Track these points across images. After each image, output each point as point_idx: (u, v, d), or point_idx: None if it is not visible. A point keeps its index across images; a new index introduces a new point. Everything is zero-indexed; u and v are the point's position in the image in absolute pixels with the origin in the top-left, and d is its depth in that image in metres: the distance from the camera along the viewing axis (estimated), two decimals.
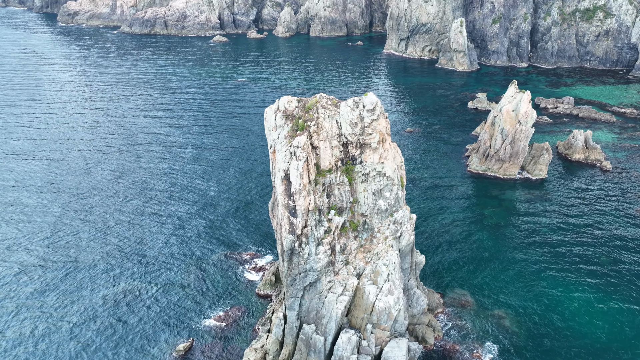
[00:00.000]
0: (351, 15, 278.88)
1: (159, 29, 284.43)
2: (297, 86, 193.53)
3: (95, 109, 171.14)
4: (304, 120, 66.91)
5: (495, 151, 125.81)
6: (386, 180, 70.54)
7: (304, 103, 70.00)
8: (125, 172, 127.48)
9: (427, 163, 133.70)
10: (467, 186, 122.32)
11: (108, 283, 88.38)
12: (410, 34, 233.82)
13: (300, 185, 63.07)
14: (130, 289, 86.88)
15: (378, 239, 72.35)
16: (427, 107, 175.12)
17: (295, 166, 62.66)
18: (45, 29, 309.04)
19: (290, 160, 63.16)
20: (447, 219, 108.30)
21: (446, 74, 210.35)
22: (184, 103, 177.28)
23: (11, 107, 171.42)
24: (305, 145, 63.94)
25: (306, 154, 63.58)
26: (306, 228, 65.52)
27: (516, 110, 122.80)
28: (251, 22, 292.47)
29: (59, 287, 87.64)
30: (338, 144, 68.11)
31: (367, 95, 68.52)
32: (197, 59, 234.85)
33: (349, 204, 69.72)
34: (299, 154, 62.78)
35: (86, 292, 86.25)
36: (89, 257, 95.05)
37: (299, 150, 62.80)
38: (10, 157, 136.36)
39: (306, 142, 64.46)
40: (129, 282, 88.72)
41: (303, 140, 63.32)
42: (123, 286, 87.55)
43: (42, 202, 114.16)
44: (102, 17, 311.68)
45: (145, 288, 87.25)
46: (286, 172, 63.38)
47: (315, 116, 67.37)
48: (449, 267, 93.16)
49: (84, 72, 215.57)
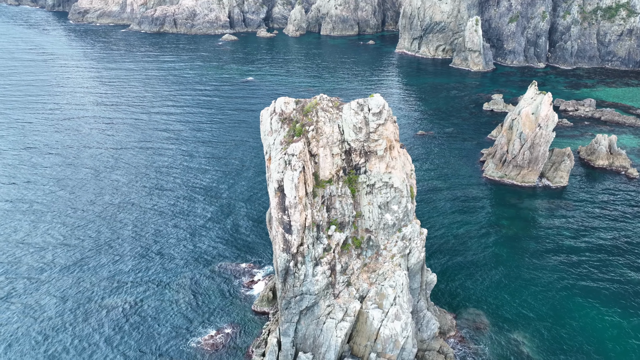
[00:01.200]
0: (363, 13, 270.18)
1: (168, 28, 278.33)
2: (306, 86, 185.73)
3: (102, 107, 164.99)
4: (302, 125, 59.00)
5: (513, 156, 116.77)
6: (394, 191, 62.36)
7: (302, 105, 62.05)
8: (126, 172, 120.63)
9: (439, 168, 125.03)
10: (483, 194, 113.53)
11: (93, 295, 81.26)
12: (423, 32, 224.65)
13: (296, 199, 55.16)
14: (115, 303, 79.65)
15: (384, 258, 64.22)
16: (440, 108, 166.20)
17: (290, 177, 54.76)
18: (55, 27, 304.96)
19: (284, 170, 55.29)
20: (461, 229, 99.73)
21: (460, 75, 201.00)
22: (189, 102, 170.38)
23: (19, 104, 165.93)
24: (302, 152, 56.00)
25: (303, 162, 55.67)
26: (302, 246, 57.62)
27: (536, 113, 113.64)
28: (261, 21, 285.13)
29: (23, 298, 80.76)
30: (340, 152, 60.11)
31: (373, 97, 60.37)
32: (205, 57, 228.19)
33: (351, 219, 61.69)
34: (295, 163, 54.87)
35: (55, 307, 79.25)
36: (68, 262, 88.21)
37: (294, 159, 54.88)
38: (19, 152, 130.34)
39: (303, 149, 56.51)
40: (115, 294, 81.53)
41: (299, 147, 55.36)
42: (109, 300, 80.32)
43: (39, 200, 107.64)
44: (112, 15, 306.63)
45: (131, 302, 79.97)
46: (280, 183, 55.56)
47: (315, 120, 59.41)
48: (463, 283, 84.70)
49: (91, 70, 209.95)
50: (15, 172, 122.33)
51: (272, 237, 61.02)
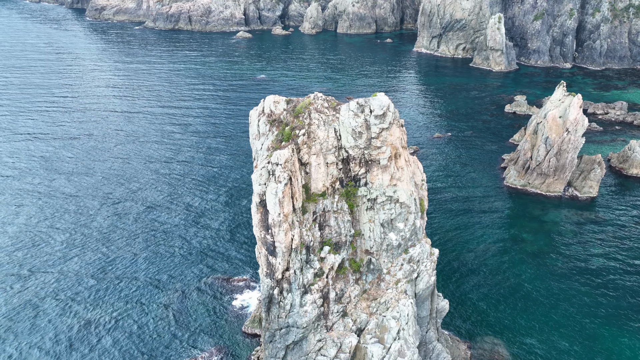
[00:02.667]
0: (381, 11, 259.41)
1: (182, 25, 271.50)
2: (320, 85, 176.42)
3: (113, 102, 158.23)
4: (292, 128, 49.74)
5: (538, 163, 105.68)
6: (399, 207, 52.66)
7: (294, 105, 52.74)
8: (127, 172, 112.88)
9: (456, 174, 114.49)
10: (503, 204, 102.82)
11: (67, 307, 73.02)
12: (442, 31, 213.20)
13: (280, 216, 45.91)
14: (90, 318, 71.27)
15: (387, 283, 54.59)
16: (458, 110, 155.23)
17: (274, 190, 45.55)
18: (73, 23, 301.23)
19: (267, 182, 46.10)
20: (478, 243, 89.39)
21: (481, 75, 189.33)
22: (199, 100, 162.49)
23: (32, 99, 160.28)
24: (288, 161, 46.71)
25: (289, 173, 46.40)
26: (288, 271, 48.40)
27: (564, 117, 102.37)
28: (277, 18, 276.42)
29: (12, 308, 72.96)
30: (336, 160, 50.70)
31: (376, 96, 50.72)
32: (219, 55, 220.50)
33: (349, 238, 52.27)
34: (279, 173, 45.62)
35: (25, 319, 71.24)
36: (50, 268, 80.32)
37: (278, 169, 45.63)
38: (28, 147, 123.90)
39: (290, 157, 47.21)
40: (91, 308, 73.21)
41: (285, 155, 46.04)
42: (84, 314, 71.91)
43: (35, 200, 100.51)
44: (128, 12, 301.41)
45: (107, 318, 71.47)
46: (262, 197, 46.43)
47: (307, 122, 50.05)
48: (479, 306, 74.52)
49: (104, 66, 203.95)
50: (16, 162, 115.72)
51: (257, 257, 51.92)
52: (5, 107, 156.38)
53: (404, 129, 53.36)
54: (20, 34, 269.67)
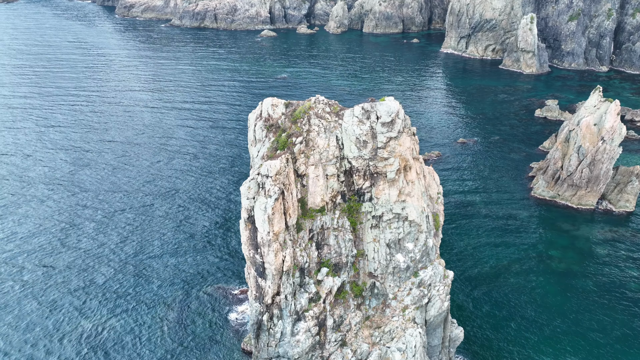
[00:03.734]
0: (408, 10, 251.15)
1: (208, 23, 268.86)
2: (342, 85, 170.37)
3: (135, 98, 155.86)
4: (288, 135, 44.12)
5: (569, 174, 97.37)
6: (408, 226, 46.45)
7: (294, 109, 47.06)
8: (140, 170, 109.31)
9: (479, 183, 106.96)
10: (529, 216, 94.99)
11: (56, 315, 68.90)
12: (471, 31, 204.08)
13: (270, 235, 40.34)
14: (79, 328, 66.88)
15: (393, 310, 48.44)
16: (486, 114, 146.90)
17: (262, 205, 39.99)
18: (102, 20, 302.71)
19: (255, 196, 40.61)
20: (500, 259, 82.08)
21: (511, 77, 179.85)
22: (219, 98, 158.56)
23: (58, 93, 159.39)
24: (281, 173, 41.07)
25: (281, 187, 40.78)
26: (279, 296, 42.81)
27: (599, 124, 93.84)
28: (302, 17, 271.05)
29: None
30: (337, 172, 44.85)
31: (384, 101, 44.60)
32: (243, 53, 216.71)
33: (350, 259, 46.38)
34: (270, 187, 40.03)
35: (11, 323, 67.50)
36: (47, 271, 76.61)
37: (269, 182, 40.04)
38: (43, 143, 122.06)
39: (284, 168, 41.56)
40: (81, 316, 68.92)
41: (276, 166, 40.43)
42: (73, 324, 67.69)
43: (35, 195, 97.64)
44: (156, 9, 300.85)
45: (98, 327, 67.04)
46: (250, 212, 40.99)
47: (305, 129, 44.32)
48: (499, 329, 67.47)
49: (129, 62, 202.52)
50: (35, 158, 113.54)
51: (246, 278, 46.50)
52: (38, 100, 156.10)
53: (415, 138, 47.11)
54: (53, 31, 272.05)
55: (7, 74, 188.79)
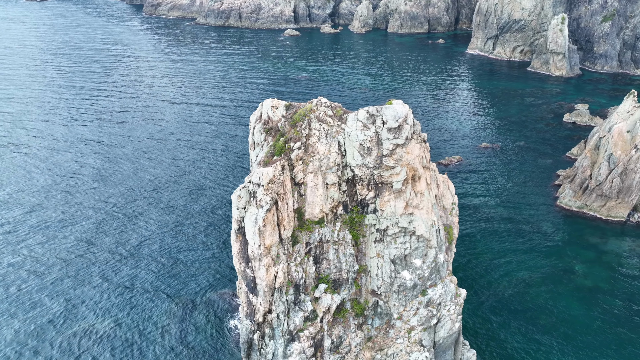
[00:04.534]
0: (435, 10, 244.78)
1: (232, 21, 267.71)
2: (363, 86, 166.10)
3: (161, 95, 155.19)
4: (287, 140, 40.57)
5: (598, 183, 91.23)
6: (416, 241, 42.35)
7: (294, 111, 43.47)
8: (165, 166, 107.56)
9: (502, 190, 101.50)
10: (554, 227, 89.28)
11: (50, 315, 66.93)
12: (499, 31, 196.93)
13: (261, 248, 36.86)
14: (70, 332, 64.62)
15: (397, 331, 44.40)
16: (511, 117, 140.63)
17: (253, 217, 36.54)
18: (129, 18, 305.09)
19: (246, 206, 37.20)
20: (521, 272, 76.89)
21: (539, 80, 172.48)
22: (238, 96, 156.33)
23: (83, 90, 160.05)
24: (274, 182, 37.54)
25: (274, 196, 37.24)
26: (271, 314, 39.31)
27: (633, 132, 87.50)
28: (327, 16, 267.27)
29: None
30: (338, 180, 41.10)
31: (391, 104, 40.61)
32: (265, 52, 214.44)
33: (352, 275, 42.58)
34: (261, 196, 36.56)
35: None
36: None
37: (260, 191, 36.58)
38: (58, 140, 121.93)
39: (278, 176, 38.02)
40: (71, 319, 66.68)
41: (269, 174, 36.91)
42: (65, 325, 65.43)
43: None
44: (182, 8, 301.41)
45: (87, 340, 64.64)
46: (240, 223, 37.62)
47: (305, 133, 40.68)
48: (518, 350, 62.57)
49: (154, 59, 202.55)
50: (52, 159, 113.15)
51: (237, 292, 43.10)
52: (67, 95, 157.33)
53: (426, 145, 42.95)
54: (82, 28, 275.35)
55: (38, 69, 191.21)
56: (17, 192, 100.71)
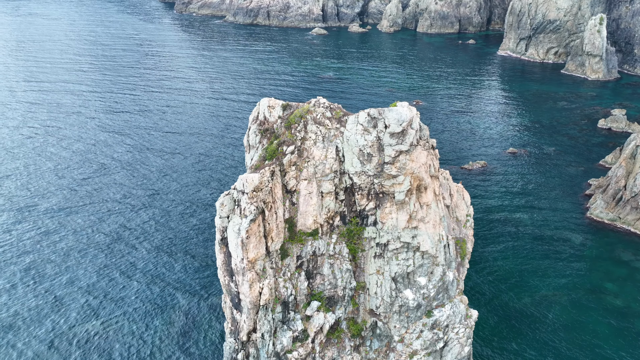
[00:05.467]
0: (466, 10, 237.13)
1: (261, 20, 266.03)
2: (387, 86, 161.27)
3: (186, 90, 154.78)
4: (280, 143, 37.01)
5: (633, 195, 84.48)
6: (420, 257, 38.17)
7: (292, 112, 39.84)
8: (191, 160, 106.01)
9: (529, 199, 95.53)
10: (583, 240, 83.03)
11: (55, 316, 65.10)
12: (533, 32, 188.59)
13: (244, 262, 33.41)
14: (63, 338, 62.62)
15: (399, 354, 40.26)
16: (541, 122, 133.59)
17: (236, 227, 33.09)
18: (161, 16, 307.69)
19: (230, 215, 33.80)
20: (545, 289, 71.34)
21: (574, 83, 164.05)
22: (260, 93, 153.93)
23: (111, 85, 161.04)
24: (261, 189, 34.00)
25: (261, 205, 33.71)
26: (255, 333, 35.83)
27: None
28: (355, 15, 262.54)
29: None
30: (335, 189, 37.31)
31: (395, 107, 36.53)
32: (291, 50, 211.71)
33: (349, 292, 38.71)
34: (245, 205, 33.10)
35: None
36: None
37: (244, 199, 33.11)
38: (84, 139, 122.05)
39: (266, 183, 34.44)
40: (59, 332, 64.72)
41: (254, 181, 33.38)
42: (76, 326, 63.51)
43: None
44: (212, 6, 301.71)
45: (77, 341, 62.55)
46: (223, 234, 34.28)
47: (300, 137, 37.02)
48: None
49: (182, 56, 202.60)
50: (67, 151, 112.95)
51: (222, 306, 39.76)
52: (99, 89, 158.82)
53: (435, 152, 38.67)
54: (116, 25, 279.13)
55: (73, 63, 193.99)
56: (43, 183, 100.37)
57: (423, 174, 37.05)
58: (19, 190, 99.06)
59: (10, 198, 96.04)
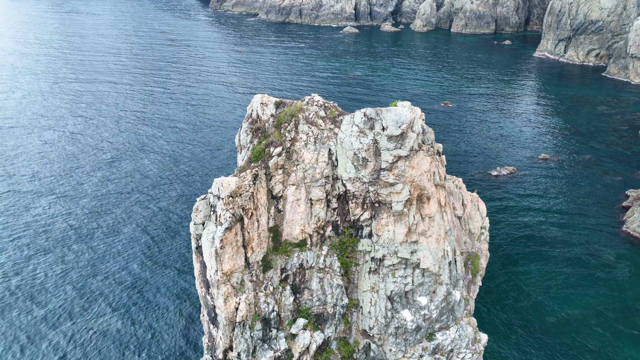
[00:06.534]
0: (503, 10, 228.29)
1: (293, 18, 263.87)
2: (415, 86, 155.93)
3: (214, 87, 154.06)
4: (267, 144, 33.59)
5: None
6: (420, 275, 34.07)
7: (286, 110, 36.29)
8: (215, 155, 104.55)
9: (559, 209, 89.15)
10: (617, 256, 76.36)
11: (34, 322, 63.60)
12: (573, 33, 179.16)
13: (218, 274, 30.17)
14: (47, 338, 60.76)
15: None
16: (578, 127, 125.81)
17: (210, 235, 29.87)
18: (195, 13, 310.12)
19: (205, 221, 30.59)
20: (573, 308, 65.50)
21: (615, 87, 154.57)
22: (283, 91, 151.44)
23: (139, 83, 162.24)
24: (241, 193, 30.62)
25: (239, 212, 30.34)
26: (231, 352, 32.53)
27: None
28: (389, 14, 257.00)
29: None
30: (326, 196, 33.63)
31: (395, 107, 32.51)
32: (321, 49, 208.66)
33: (340, 310, 34.96)
34: (221, 212, 29.82)
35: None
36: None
37: (220, 205, 29.83)
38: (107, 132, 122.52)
39: (246, 187, 31.04)
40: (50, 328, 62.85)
41: (230, 185, 30.01)
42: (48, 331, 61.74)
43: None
44: (245, 4, 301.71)
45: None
46: (198, 242, 31.13)
47: (289, 137, 33.50)
48: None
49: (213, 53, 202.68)
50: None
51: (201, 318, 36.59)
52: (133, 82, 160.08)
53: (441, 159, 34.45)
54: (151, 21, 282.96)
55: (109, 57, 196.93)
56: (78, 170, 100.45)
57: (425, 182, 32.91)
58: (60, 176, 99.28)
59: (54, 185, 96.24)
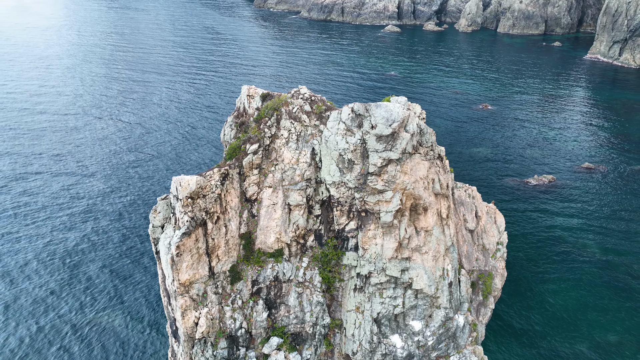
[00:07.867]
0: (554, 10, 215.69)
1: (334, 16, 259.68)
2: (452, 87, 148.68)
3: (256, 81, 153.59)
4: (245, 140, 29.80)
5: None
6: (414, 297, 29.43)
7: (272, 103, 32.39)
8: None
9: (601, 222, 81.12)
10: None
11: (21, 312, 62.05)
12: (629, 35, 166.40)
13: (175, 284, 26.66)
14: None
15: None
16: (629, 135, 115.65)
17: (166, 240, 26.41)
18: (240, 11, 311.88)
19: (164, 226, 27.15)
20: (609, 334, 58.45)
21: None
22: (331, 89, 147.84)
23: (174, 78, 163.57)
24: (205, 195, 26.97)
25: (201, 216, 26.71)
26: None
27: None
28: (432, 13, 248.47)
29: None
30: (308, 201, 29.50)
31: (386, 103, 27.95)
32: (361, 47, 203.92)
33: (321, 329, 30.77)
34: (180, 215, 26.27)
35: None
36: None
37: (179, 207, 26.29)
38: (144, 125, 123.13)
39: (211, 188, 27.37)
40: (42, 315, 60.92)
41: (190, 185, 26.37)
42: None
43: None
44: (288, 2, 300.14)
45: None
46: (157, 246, 27.75)
47: (269, 134, 29.59)
48: None
49: (254, 50, 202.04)
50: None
51: (167, 329, 33.19)
52: (172, 77, 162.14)
53: (443, 164, 29.58)
54: (196, 18, 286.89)
55: (153, 53, 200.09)
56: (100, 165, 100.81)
57: (421, 191, 28.17)
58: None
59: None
